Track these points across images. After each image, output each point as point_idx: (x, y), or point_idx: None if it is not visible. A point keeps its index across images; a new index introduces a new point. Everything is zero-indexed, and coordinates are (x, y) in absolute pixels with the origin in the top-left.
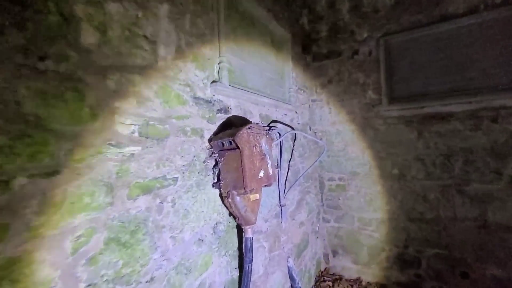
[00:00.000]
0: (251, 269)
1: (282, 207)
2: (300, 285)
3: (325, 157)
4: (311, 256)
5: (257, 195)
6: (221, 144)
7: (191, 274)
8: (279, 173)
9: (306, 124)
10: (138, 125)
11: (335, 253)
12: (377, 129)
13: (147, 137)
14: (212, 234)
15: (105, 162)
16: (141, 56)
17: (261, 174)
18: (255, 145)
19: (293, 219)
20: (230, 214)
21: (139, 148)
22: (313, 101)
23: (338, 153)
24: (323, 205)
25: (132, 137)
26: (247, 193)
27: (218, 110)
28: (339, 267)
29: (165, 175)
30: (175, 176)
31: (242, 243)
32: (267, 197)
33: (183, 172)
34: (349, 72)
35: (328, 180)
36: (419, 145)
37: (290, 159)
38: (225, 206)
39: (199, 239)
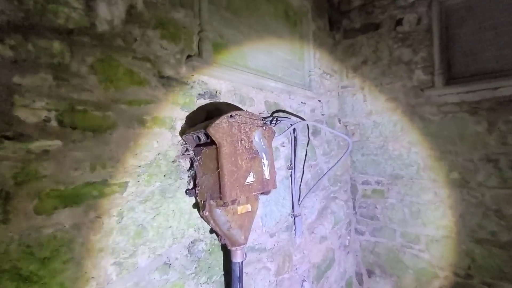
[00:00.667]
0: None
1: (296, 218)
2: None
3: (358, 156)
4: (338, 277)
5: (248, 207)
6: (197, 138)
7: None
8: (293, 175)
9: (334, 116)
10: (57, 110)
11: (370, 273)
12: (428, 119)
13: (74, 128)
14: (186, 256)
15: None
16: (64, 14)
17: (250, 178)
18: (241, 140)
19: (312, 233)
20: (212, 230)
21: (59, 142)
22: (344, 87)
23: (375, 151)
24: (355, 213)
25: (46, 128)
26: (228, 205)
27: (199, 95)
28: None
29: (107, 180)
30: (124, 180)
31: (230, 269)
32: (275, 205)
33: (138, 176)
34: (389, 49)
35: (362, 183)
36: (490, 140)
37: (305, 158)
38: (204, 220)
39: (165, 263)
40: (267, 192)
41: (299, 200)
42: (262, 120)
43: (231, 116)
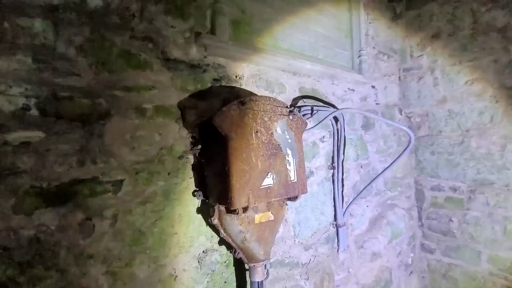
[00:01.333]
0: None
1: (340, 228)
2: None
3: (426, 155)
4: None
5: (270, 215)
6: (204, 130)
7: None
8: (336, 176)
9: (393, 106)
10: (37, 97)
11: None
12: None
13: (57, 118)
14: (196, 267)
15: None
16: None
17: (269, 180)
18: (257, 131)
19: (361, 247)
20: (222, 241)
21: (41, 134)
22: (406, 70)
23: (450, 149)
24: (421, 225)
25: (25, 117)
26: (238, 213)
27: (214, 80)
28: None
29: (98, 177)
30: (119, 178)
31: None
32: (311, 212)
33: (136, 173)
34: (474, 14)
35: (432, 189)
36: None
37: (353, 157)
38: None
39: (170, 275)
40: (294, 198)
41: (343, 207)
42: (289, 108)
43: (242, 102)
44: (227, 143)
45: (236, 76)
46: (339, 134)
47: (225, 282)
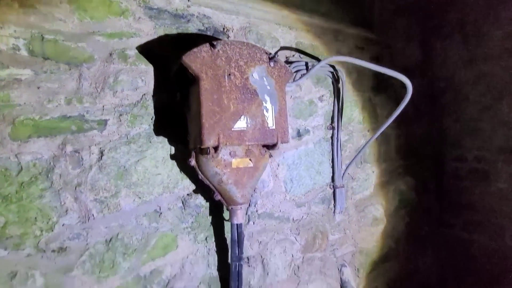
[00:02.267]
0: (241, 271)
1: (337, 190)
2: None
3: (449, 122)
4: (405, 273)
5: (248, 161)
6: (179, 74)
7: (135, 255)
8: (336, 137)
9: (414, 69)
10: (25, 39)
11: (459, 281)
12: None
13: (45, 58)
14: (180, 208)
15: None
16: None
17: (242, 124)
18: (230, 74)
19: (362, 211)
20: (201, 184)
21: (30, 72)
22: (430, 29)
23: (476, 115)
24: (439, 198)
25: (15, 56)
26: (209, 153)
27: (199, 31)
28: None
29: (84, 115)
30: (103, 118)
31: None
32: (306, 170)
33: (120, 115)
34: None
35: (454, 160)
36: None
37: (357, 120)
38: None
39: (155, 211)
40: (273, 146)
41: (343, 168)
42: (270, 55)
43: (212, 45)
44: (198, 84)
45: (224, 29)
46: (340, 93)
47: (208, 225)
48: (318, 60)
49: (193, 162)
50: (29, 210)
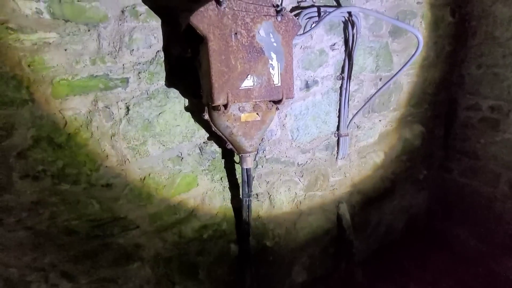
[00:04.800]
0: (250, 204)
1: (341, 138)
2: (352, 236)
3: (471, 68)
4: (397, 208)
5: (255, 115)
6: (189, 32)
7: (165, 190)
8: (345, 87)
9: (445, 5)
10: (45, 2)
11: (447, 214)
12: None
13: (66, 21)
14: (198, 153)
15: (11, 51)
16: None
17: (249, 82)
18: (237, 33)
19: (364, 157)
20: (214, 135)
21: (56, 35)
22: None
23: (502, 61)
24: (445, 147)
25: (40, 20)
26: (220, 109)
27: None
28: (449, 235)
29: (108, 74)
30: (125, 76)
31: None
32: (312, 120)
33: (138, 73)
34: None
35: (467, 109)
36: None
37: (370, 67)
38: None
39: (178, 156)
40: (279, 102)
41: (349, 117)
42: (278, 7)
43: (219, 1)
44: (206, 45)
45: None
46: (354, 40)
47: (222, 168)
48: (338, 4)
49: (206, 116)
50: (78, 155)
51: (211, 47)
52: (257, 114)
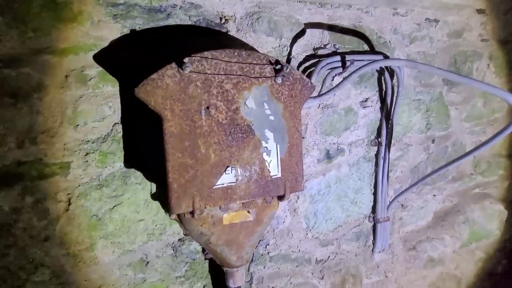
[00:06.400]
0: None
1: (379, 224)
2: None
3: None
4: None
5: (246, 215)
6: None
7: None
8: (382, 156)
9: None
10: None
11: None
12: None
13: None
14: (171, 255)
15: None
16: None
17: (230, 177)
18: (210, 107)
19: (413, 249)
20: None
21: None
22: None
23: None
24: None
25: None
26: (186, 216)
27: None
28: None
29: (41, 159)
30: (65, 160)
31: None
32: (336, 201)
33: (85, 154)
34: None
35: None
36: None
37: (418, 127)
38: None
39: (141, 260)
40: (281, 198)
41: (390, 196)
42: (277, 65)
43: (181, 63)
44: (161, 126)
45: (221, 19)
46: (394, 93)
47: (208, 272)
48: (371, 50)
49: (173, 216)
50: None
51: (168, 129)
52: (248, 212)
